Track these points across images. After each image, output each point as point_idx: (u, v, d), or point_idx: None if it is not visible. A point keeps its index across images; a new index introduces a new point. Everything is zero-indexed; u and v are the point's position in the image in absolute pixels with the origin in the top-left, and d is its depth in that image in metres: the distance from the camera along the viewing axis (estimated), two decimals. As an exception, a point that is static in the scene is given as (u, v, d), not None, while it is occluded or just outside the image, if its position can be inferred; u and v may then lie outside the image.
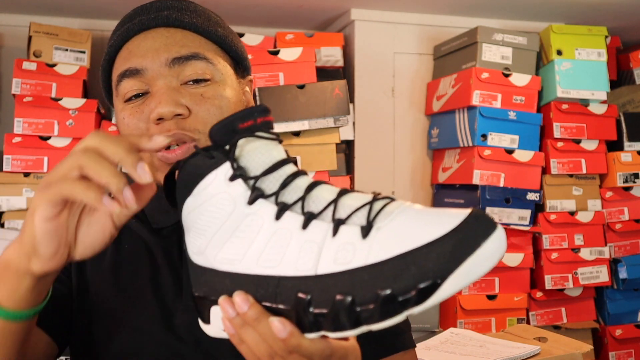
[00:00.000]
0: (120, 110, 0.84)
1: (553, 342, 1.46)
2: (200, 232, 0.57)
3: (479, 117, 2.10)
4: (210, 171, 0.56)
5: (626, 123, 2.26)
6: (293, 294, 0.52)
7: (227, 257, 0.56)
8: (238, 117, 0.57)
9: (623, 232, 2.27)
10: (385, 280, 0.48)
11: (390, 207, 0.52)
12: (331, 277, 0.51)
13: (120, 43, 0.86)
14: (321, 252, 0.52)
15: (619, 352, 2.27)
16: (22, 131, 1.91)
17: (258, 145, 0.57)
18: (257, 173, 0.56)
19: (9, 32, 2.22)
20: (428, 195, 2.40)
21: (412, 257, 0.48)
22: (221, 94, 0.84)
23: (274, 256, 0.54)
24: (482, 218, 0.49)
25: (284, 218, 0.54)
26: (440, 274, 0.47)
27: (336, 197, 0.54)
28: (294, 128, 1.96)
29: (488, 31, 2.15)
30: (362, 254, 0.50)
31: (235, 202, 0.56)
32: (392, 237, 0.50)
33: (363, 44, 2.32)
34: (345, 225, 0.52)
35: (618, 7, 2.24)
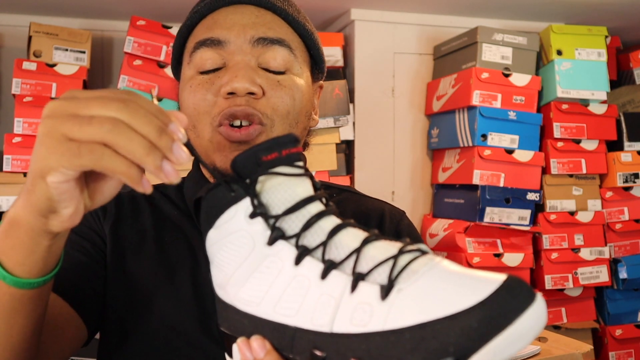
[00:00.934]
0: (189, 78, 0.81)
1: (553, 342, 1.46)
2: (221, 267, 0.55)
3: (479, 117, 2.10)
4: (230, 205, 0.53)
5: (626, 123, 2.26)
6: (309, 348, 0.49)
7: (246, 297, 0.53)
8: (262, 148, 0.53)
9: (623, 232, 2.27)
10: (402, 351, 0.44)
11: (416, 265, 0.47)
12: (346, 338, 0.47)
13: (207, 11, 0.84)
14: (338, 309, 0.48)
15: (619, 352, 2.27)
16: (22, 131, 1.91)
17: (281, 181, 0.53)
18: (279, 212, 0.53)
19: (9, 32, 2.22)
20: (428, 195, 2.40)
21: (433, 330, 0.43)
22: (297, 85, 0.82)
23: (292, 304, 0.51)
24: (517, 289, 0.42)
25: (303, 264, 0.51)
26: (462, 352, 0.42)
27: (360, 245, 0.50)
28: (294, 128, 1.96)
29: (488, 31, 2.15)
30: (380, 318, 0.46)
31: (255, 242, 0.53)
32: (413, 302, 0.45)
33: (363, 44, 2.32)
34: (364, 282, 0.48)
35: (618, 7, 2.24)
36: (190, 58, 0.82)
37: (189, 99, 0.80)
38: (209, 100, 0.79)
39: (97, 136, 0.49)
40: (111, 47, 2.30)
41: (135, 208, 0.88)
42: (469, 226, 2.09)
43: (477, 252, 2.09)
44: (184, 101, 0.82)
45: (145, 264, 0.84)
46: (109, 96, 0.50)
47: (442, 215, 2.30)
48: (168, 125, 0.51)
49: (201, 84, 0.80)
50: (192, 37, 0.84)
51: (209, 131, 0.79)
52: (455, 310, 0.43)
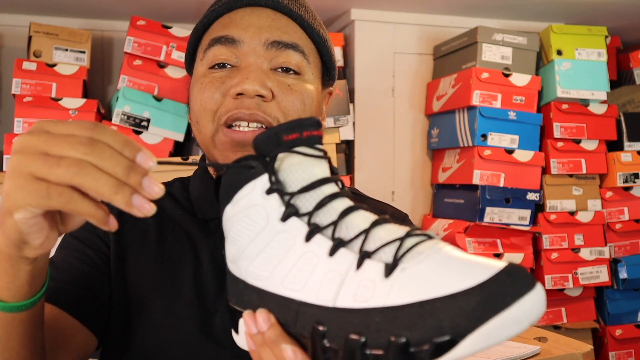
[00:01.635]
0: (201, 76, 0.82)
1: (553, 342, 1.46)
2: (235, 241, 0.57)
3: (479, 117, 2.10)
4: (248, 181, 0.55)
5: (626, 123, 2.26)
6: (311, 322, 0.51)
7: (256, 271, 0.55)
8: (284, 128, 0.55)
9: (623, 232, 2.27)
10: (401, 327, 0.45)
11: (421, 247, 0.49)
12: (348, 313, 0.48)
13: (224, 10, 0.85)
14: (342, 285, 0.50)
15: (619, 352, 2.27)
16: (22, 131, 1.91)
17: (300, 161, 0.55)
18: (294, 189, 0.54)
19: (9, 32, 2.22)
20: (428, 195, 2.40)
21: (431, 308, 0.44)
22: (308, 90, 0.83)
23: (299, 279, 0.52)
24: (517, 275, 0.43)
25: (314, 240, 0.53)
26: (458, 331, 0.43)
27: (369, 226, 0.52)
28: (294, 128, 1.96)
29: (488, 31, 2.15)
30: (382, 295, 0.47)
31: (269, 217, 0.54)
32: (415, 281, 0.46)
33: (363, 44, 2.32)
34: (370, 260, 0.50)
35: (618, 7, 2.24)
36: (204, 54, 0.83)
37: (198, 96, 0.81)
38: (217, 99, 0.80)
39: (65, 179, 0.49)
40: (111, 47, 2.30)
41: None
42: (469, 226, 2.09)
43: (477, 252, 2.09)
44: (193, 97, 0.83)
45: (147, 264, 0.84)
46: (78, 135, 0.51)
47: (442, 215, 2.30)
48: (135, 158, 0.51)
49: (212, 82, 0.81)
50: (208, 34, 0.85)
51: (211, 128, 0.80)
52: (454, 291, 0.44)
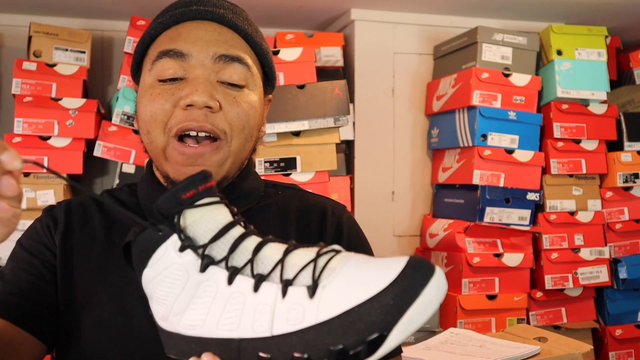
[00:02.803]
0: (150, 87, 0.85)
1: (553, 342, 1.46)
2: (161, 301, 0.60)
3: (479, 117, 2.10)
4: (159, 245, 0.59)
5: (626, 123, 2.26)
6: (255, 354, 0.55)
7: (189, 323, 0.58)
8: (180, 187, 0.59)
9: (623, 232, 2.27)
10: (336, 337, 0.51)
11: (333, 263, 0.54)
12: (286, 337, 0.53)
13: (171, 23, 0.87)
14: (274, 314, 0.54)
15: (619, 352, 2.27)
16: (22, 131, 1.91)
17: (202, 213, 0.59)
18: (205, 241, 0.58)
19: (9, 32, 2.22)
20: (428, 195, 2.40)
21: (358, 313, 0.50)
22: (251, 101, 0.87)
23: (232, 319, 0.56)
24: (419, 266, 0.50)
25: (235, 282, 0.57)
26: (385, 326, 0.49)
27: (282, 256, 0.56)
28: (294, 128, 1.96)
29: (488, 31, 2.15)
30: (312, 313, 0.53)
31: (188, 271, 0.58)
32: (337, 294, 0.52)
33: (363, 44, 2.32)
34: (293, 287, 0.55)
35: (618, 7, 2.24)
36: (151, 66, 0.86)
37: (147, 107, 0.84)
38: (167, 109, 0.83)
39: None
40: (111, 47, 2.30)
41: (84, 215, 0.91)
42: (469, 226, 2.09)
43: (477, 252, 2.09)
44: (142, 107, 0.85)
45: (95, 267, 0.86)
46: None
47: (442, 215, 2.30)
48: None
49: (161, 94, 0.83)
50: (155, 45, 0.88)
51: (162, 139, 0.84)
52: (373, 293, 0.50)
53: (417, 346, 1.54)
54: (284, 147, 1.98)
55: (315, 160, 2.00)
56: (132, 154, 1.99)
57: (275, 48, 2.09)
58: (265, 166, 1.96)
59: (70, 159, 1.96)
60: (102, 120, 2.02)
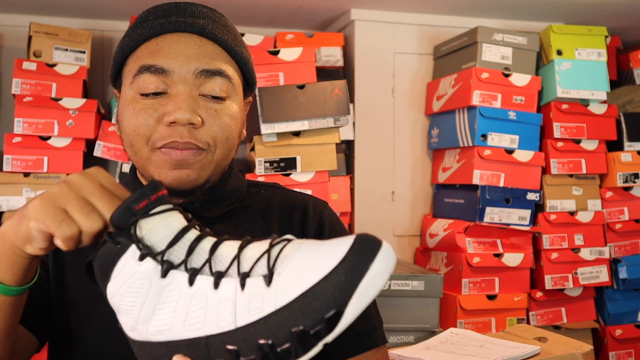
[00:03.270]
0: (131, 101, 0.85)
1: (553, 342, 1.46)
2: (128, 311, 0.61)
3: (479, 117, 2.10)
4: (119, 257, 0.61)
5: (626, 123, 2.26)
6: (222, 348, 0.57)
7: (157, 329, 0.60)
8: (133, 200, 0.61)
9: (623, 232, 2.27)
10: (295, 319, 0.54)
11: (286, 251, 0.57)
12: (250, 327, 0.56)
13: (150, 35, 0.87)
14: (236, 307, 0.57)
15: (619, 352, 2.27)
16: (22, 131, 1.91)
17: (157, 221, 0.61)
18: (163, 247, 0.60)
19: (9, 32, 2.22)
20: (428, 195, 2.40)
21: (313, 293, 0.53)
22: (232, 112, 0.88)
23: (197, 318, 0.58)
24: (365, 241, 0.53)
25: (196, 283, 0.59)
26: (340, 302, 0.52)
27: (237, 252, 0.59)
28: (294, 128, 1.96)
29: (488, 31, 2.15)
30: (271, 300, 0.55)
31: (150, 279, 0.60)
32: (292, 279, 0.55)
33: (363, 44, 2.31)
34: (250, 278, 0.57)
35: (618, 7, 2.24)
36: (133, 79, 0.86)
37: (131, 121, 0.85)
38: (150, 125, 0.84)
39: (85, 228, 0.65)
40: (111, 47, 2.30)
41: None
42: (469, 226, 2.09)
43: (477, 252, 2.09)
44: (125, 121, 0.86)
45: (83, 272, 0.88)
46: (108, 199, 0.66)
47: (442, 215, 2.30)
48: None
49: (144, 109, 0.84)
50: (135, 57, 0.88)
51: (146, 151, 0.85)
52: (325, 273, 0.53)
53: (417, 346, 1.54)
54: (284, 147, 1.98)
55: (315, 160, 2.00)
56: (132, 154, 1.98)
57: (275, 48, 2.09)
58: (265, 166, 1.96)
59: (70, 159, 1.96)
60: (102, 120, 2.02)
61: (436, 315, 1.93)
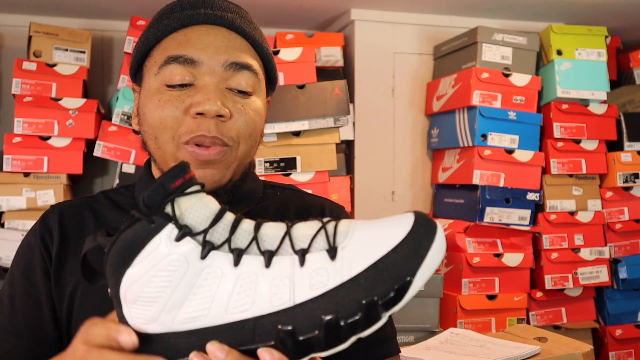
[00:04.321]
0: (156, 92, 0.84)
1: (553, 342, 1.46)
2: (151, 300, 0.57)
3: (479, 117, 2.10)
4: (152, 237, 0.57)
5: (626, 123, 2.26)
6: (274, 329, 0.54)
7: (190, 315, 0.56)
8: (167, 178, 0.57)
9: (623, 232, 2.27)
10: (365, 290, 0.53)
11: (342, 227, 0.56)
12: (312, 302, 0.54)
13: (178, 26, 0.86)
14: (294, 284, 0.55)
15: (619, 352, 2.27)
16: (22, 131, 1.91)
17: (194, 201, 0.58)
18: (205, 226, 0.57)
19: (9, 32, 2.22)
20: (428, 195, 2.40)
21: (383, 264, 0.53)
22: (258, 108, 0.87)
23: (244, 300, 0.55)
24: (426, 218, 0.55)
25: (242, 263, 0.56)
26: (410, 272, 0.53)
27: (287, 230, 0.57)
28: (294, 128, 1.96)
29: (488, 31, 2.15)
30: (337, 274, 0.54)
31: (188, 261, 0.56)
32: (359, 252, 0.54)
33: (363, 44, 2.32)
34: (310, 254, 0.55)
35: (618, 7, 2.24)
36: (158, 70, 0.84)
37: (156, 112, 0.83)
38: (177, 117, 0.82)
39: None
40: (111, 47, 2.30)
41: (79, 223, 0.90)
42: (469, 226, 2.09)
43: (477, 252, 2.09)
44: (149, 112, 0.84)
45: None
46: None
47: (442, 215, 2.30)
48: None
49: (170, 100, 0.82)
50: (161, 48, 0.86)
51: (172, 146, 0.83)
52: (393, 245, 0.53)
53: (417, 346, 1.54)
54: (284, 147, 1.98)
55: (315, 160, 2.00)
56: (132, 154, 1.99)
57: (275, 48, 2.09)
58: (265, 166, 1.96)
59: (70, 159, 1.96)
60: (102, 120, 2.02)
61: (436, 315, 1.93)
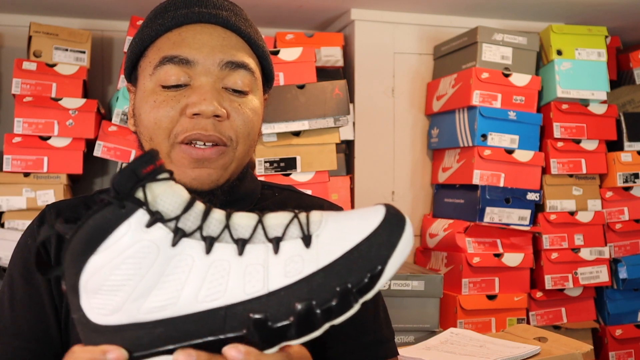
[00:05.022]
0: (152, 92, 0.83)
1: (553, 342, 1.46)
2: (116, 289, 0.55)
3: (479, 117, 2.10)
4: (121, 222, 0.55)
5: (626, 123, 2.26)
6: (245, 317, 0.54)
7: (157, 304, 0.54)
8: (138, 164, 0.56)
9: (623, 232, 2.27)
10: (340, 277, 0.54)
11: (314, 217, 0.57)
12: (286, 290, 0.54)
13: (173, 25, 0.85)
14: (268, 272, 0.55)
15: (619, 352, 2.27)
16: (22, 131, 1.91)
17: (165, 188, 0.57)
18: (177, 213, 0.56)
19: (9, 32, 2.22)
20: (428, 195, 2.40)
21: (358, 252, 0.54)
22: (255, 107, 0.86)
23: (216, 288, 0.54)
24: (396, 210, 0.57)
25: (215, 250, 0.56)
26: (382, 260, 0.54)
27: (258, 220, 0.57)
28: (294, 128, 1.96)
29: (488, 31, 2.15)
30: (312, 261, 0.54)
31: (159, 247, 0.55)
32: (333, 240, 0.55)
33: (363, 44, 2.32)
34: (284, 242, 0.56)
35: (618, 7, 2.24)
36: (153, 70, 0.83)
37: (151, 114, 0.82)
38: (172, 117, 0.82)
39: None
40: (111, 47, 2.30)
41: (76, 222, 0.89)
42: (469, 226, 2.09)
43: (477, 252, 2.09)
44: (145, 114, 0.83)
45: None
46: None
47: (442, 215, 2.30)
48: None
49: (166, 101, 0.82)
50: (155, 48, 0.85)
51: (167, 146, 0.82)
52: (367, 234, 0.55)
53: (417, 346, 1.54)
54: (284, 147, 1.98)
55: (315, 160, 2.00)
56: (132, 154, 1.99)
57: (275, 48, 2.09)
58: (265, 166, 1.96)
59: (70, 159, 1.96)
60: (102, 120, 2.02)
61: (436, 315, 1.93)
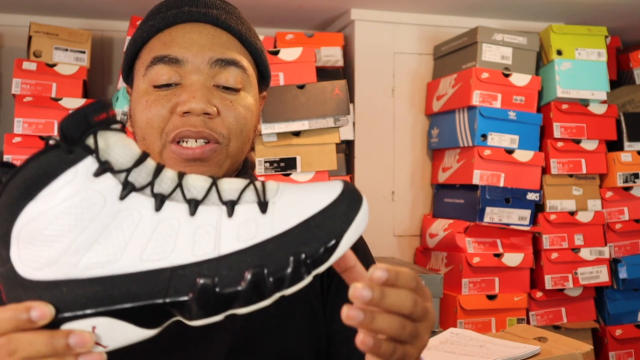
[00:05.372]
0: (144, 93, 0.84)
1: (553, 342, 1.46)
2: (52, 240, 0.51)
3: (479, 117, 2.10)
4: (67, 168, 0.51)
5: (626, 123, 2.26)
6: (191, 281, 0.51)
7: (97, 260, 0.51)
8: (92, 109, 0.52)
9: (623, 232, 2.27)
10: (296, 246, 0.52)
11: (270, 185, 0.56)
12: (238, 254, 0.52)
13: (163, 26, 0.86)
14: (220, 234, 0.52)
15: (619, 352, 2.27)
16: (22, 131, 1.91)
17: (117, 138, 0.54)
18: (127, 165, 0.53)
19: (9, 32, 2.22)
20: (428, 195, 2.40)
21: (314, 222, 0.53)
22: (247, 104, 0.86)
23: (163, 247, 0.51)
24: (353, 186, 0.56)
25: (165, 208, 0.53)
26: (339, 232, 0.53)
27: (212, 182, 0.55)
28: (294, 128, 1.96)
29: (488, 31, 2.15)
30: (267, 228, 0.53)
31: (105, 199, 0.51)
32: (291, 207, 0.54)
33: (363, 44, 2.31)
34: (239, 205, 0.54)
35: (618, 7, 2.24)
36: (145, 71, 0.84)
37: (143, 113, 0.83)
38: (163, 115, 0.82)
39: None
40: (111, 47, 2.30)
41: None
42: (469, 226, 2.09)
43: (477, 252, 2.09)
44: (138, 114, 0.84)
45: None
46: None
47: (442, 215, 2.30)
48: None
49: (157, 100, 0.83)
50: (147, 49, 0.86)
51: (158, 145, 0.83)
52: (324, 205, 0.54)
53: (417, 346, 1.54)
54: (284, 147, 1.98)
55: (315, 160, 2.00)
56: (132, 154, 1.99)
57: (275, 48, 2.09)
58: (265, 166, 1.96)
59: (70, 159, 1.96)
60: (102, 120, 2.02)
61: (436, 315, 1.93)
